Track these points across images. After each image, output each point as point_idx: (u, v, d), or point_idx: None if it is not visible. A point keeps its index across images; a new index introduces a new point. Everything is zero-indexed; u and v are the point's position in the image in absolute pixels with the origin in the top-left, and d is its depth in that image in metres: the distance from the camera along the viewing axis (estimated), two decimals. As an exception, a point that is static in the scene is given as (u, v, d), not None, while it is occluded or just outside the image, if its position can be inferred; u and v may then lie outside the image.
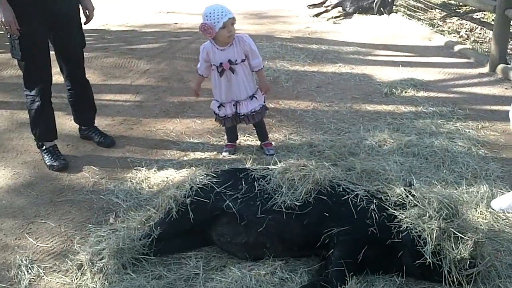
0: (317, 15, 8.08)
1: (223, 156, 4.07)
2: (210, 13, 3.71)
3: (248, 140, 4.28)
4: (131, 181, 3.73)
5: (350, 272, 2.64)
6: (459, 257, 2.56)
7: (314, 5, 8.52)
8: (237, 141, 4.21)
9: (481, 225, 3.12)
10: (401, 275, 2.73)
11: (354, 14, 8.02)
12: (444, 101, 4.91)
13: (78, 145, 4.28)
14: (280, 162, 3.23)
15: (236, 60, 3.83)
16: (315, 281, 2.68)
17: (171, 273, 2.83)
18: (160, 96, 5.20)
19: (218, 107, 3.99)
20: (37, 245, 3.12)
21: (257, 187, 2.98)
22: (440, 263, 2.61)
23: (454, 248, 2.57)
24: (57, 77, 4.16)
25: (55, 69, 3.92)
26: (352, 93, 5.18)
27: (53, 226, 3.29)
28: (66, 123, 4.54)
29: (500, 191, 3.46)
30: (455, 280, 2.59)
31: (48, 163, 3.90)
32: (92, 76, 4.34)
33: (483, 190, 3.40)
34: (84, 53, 4.09)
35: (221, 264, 2.90)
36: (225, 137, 4.24)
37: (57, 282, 2.83)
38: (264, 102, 4.04)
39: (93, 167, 3.93)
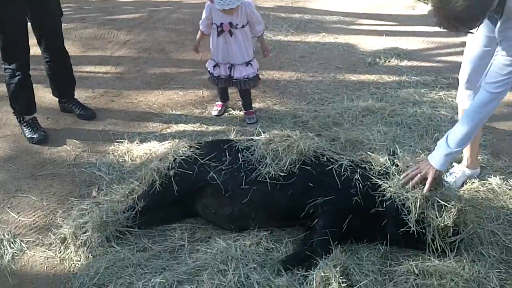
0: None
1: (213, 115, 4.15)
2: None
3: (231, 111, 4.24)
4: (113, 154, 3.69)
5: (334, 241, 2.64)
6: (442, 225, 2.58)
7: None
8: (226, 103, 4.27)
9: (464, 193, 3.15)
10: (385, 244, 2.75)
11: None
12: (428, 70, 4.91)
13: (59, 118, 4.20)
14: (264, 133, 3.21)
15: (237, 24, 3.85)
16: (300, 251, 2.70)
17: (156, 245, 2.83)
18: (141, 67, 5.12)
19: (214, 66, 4.01)
20: (19, 220, 3.08)
21: (241, 158, 2.96)
22: (423, 231, 2.63)
23: (437, 216, 2.59)
24: (35, 49, 4.05)
25: (32, 40, 3.82)
26: (336, 63, 5.14)
27: (35, 200, 3.25)
28: (45, 96, 4.44)
29: (482, 158, 3.48)
30: (438, 247, 2.62)
31: (28, 136, 3.83)
32: (70, 48, 4.24)
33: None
34: (62, 24, 3.98)
35: (206, 236, 2.90)
36: (208, 108, 4.23)
37: (41, 256, 2.81)
38: (258, 72, 4.08)
39: (74, 140, 3.87)
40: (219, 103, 4.25)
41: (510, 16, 2.39)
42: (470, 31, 2.40)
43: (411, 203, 2.63)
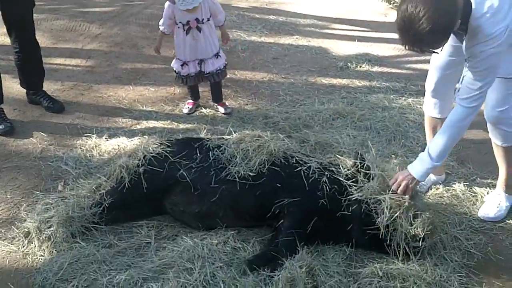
0: None
1: (184, 112, 4.14)
2: None
3: (202, 110, 4.23)
4: (81, 148, 3.64)
5: (300, 242, 2.67)
6: (412, 232, 2.62)
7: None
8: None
9: (429, 198, 3.21)
10: (351, 246, 2.79)
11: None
12: (398, 76, 4.99)
13: (26, 109, 4.12)
14: (235, 133, 3.21)
15: (203, 19, 3.86)
16: (266, 251, 2.71)
17: (122, 242, 2.81)
18: (113, 62, 5.06)
19: (181, 65, 3.99)
20: (-19, 212, 3.02)
21: (212, 156, 2.96)
22: (390, 235, 2.67)
23: (411, 224, 2.63)
24: (3, 38, 3.97)
25: (2, 29, 3.74)
26: (308, 65, 5.18)
27: (-1, 192, 3.19)
28: (13, 86, 4.35)
29: (447, 165, 3.56)
30: (402, 251, 2.66)
31: (-7, 127, 3.76)
32: (41, 39, 4.16)
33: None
34: (34, 15, 3.90)
35: (173, 233, 2.89)
36: (180, 105, 4.23)
37: (3, 250, 2.76)
38: (226, 62, 4.14)
39: (41, 133, 3.81)
40: (190, 101, 4.24)
41: (474, 34, 2.46)
42: (434, 51, 2.46)
43: (386, 206, 2.66)
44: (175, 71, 4.08)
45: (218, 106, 4.21)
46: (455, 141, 2.72)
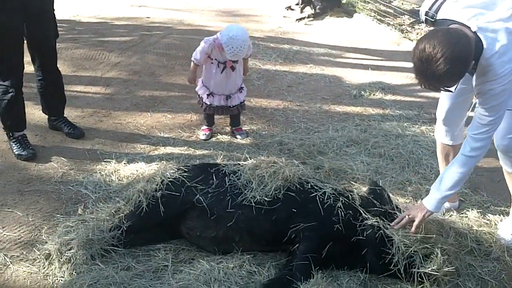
0: (299, 20, 8.00)
1: (201, 139, 4.25)
2: (229, 44, 3.83)
3: (219, 136, 4.32)
4: (100, 173, 3.72)
5: (315, 266, 2.71)
6: (428, 271, 2.65)
7: (290, 7, 8.52)
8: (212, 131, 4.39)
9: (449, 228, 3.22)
10: (365, 271, 2.82)
11: (325, 16, 8.12)
12: (411, 104, 5.05)
13: (47, 135, 4.24)
14: (250, 159, 3.28)
15: (237, 60, 4.04)
16: (281, 275, 2.74)
17: (140, 265, 2.86)
18: (131, 89, 5.19)
19: (208, 94, 4.15)
20: (4, 234, 3.09)
21: (228, 182, 3.03)
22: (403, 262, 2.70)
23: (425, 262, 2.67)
24: (26, 67, 4.10)
25: (26, 58, 3.87)
26: (322, 93, 5.27)
27: (21, 215, 3.26)
28: (35, 113, 4.48)
29: (460, 192, 3.59)
30: (416, 277, 2.68)
31: (16, 152, 3.86)
32: (61, 67, 4.30)
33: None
34: (56, 44, 4.06)
35: (190, 257, 2.94)
36: (196, 131, 4.35)
37: (24, 271, 2.82)
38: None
39: (62, 158, 3.91)
40: (206, 127, 4.34)
41: (484, 72, 2.53)
42: (450, 89, 2.53)
43: (397, 247, 2.70)
44: (199, 95, 4.24)
45: (235, 131, 4.32)
46: (468, 173, 2.75)
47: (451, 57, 2.30)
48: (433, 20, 2.68)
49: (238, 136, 4.28)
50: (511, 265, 2.98)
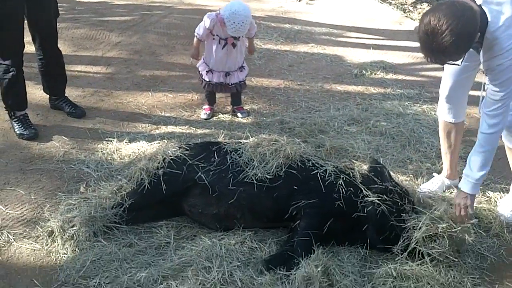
0: None
1: (202, 118, 4.25)
2: (231, 19, 3.83)
3: (220, 115, 4.32)
4: (102, 151, 3.74)
5: (316, 242, 2.73)
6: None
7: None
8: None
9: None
10: (365, 247, 2.84)
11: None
12: (412, 84, 5.04)
13: (48, 115, 4.24)
14: (252, 137, 3.29)
15: (239, 36, 4.02)
16: (282, 251, 2.77)
17: (142, 241, 2.88)
18: (132, 69, 5.17)
19: (207, 71, 4.15)
20: (7, 212, 3.11)
21: (229, 160, 3.04)
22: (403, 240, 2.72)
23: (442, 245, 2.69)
24: (27, 46, 4.09)
25: (26, 38, 3.86)
26: (323, 73, 5.25)
27: (23, 193, 3.28)
28: (36, 92, 4.48)
29: (461, 169, 3.59)
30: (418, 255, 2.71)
31: (18, 132, 3.87)
32: (62, 47, 4.28)
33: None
34: (56, 23, 4.04)
35: (192, 234, 2.96)
36: (197, 111, 4.34)
37: (27, 248, 2.84)
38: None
39: (63, 137, 3.91)
40: (207, 106, 4.34)
41: (490, 47, 2.52)
42: (455, 63, 2.51)
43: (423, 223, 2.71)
44: (199, 72, 4.24)
45: (236, 110, 4.32)
46: (490, 152, 2.74)
47: (457, 29, 2.29)
48: None
49: (239, 115, 4.28)
50: (510, 241, 3.00)
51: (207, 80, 4.16)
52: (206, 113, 4.29)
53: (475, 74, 3.09)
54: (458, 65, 2.60)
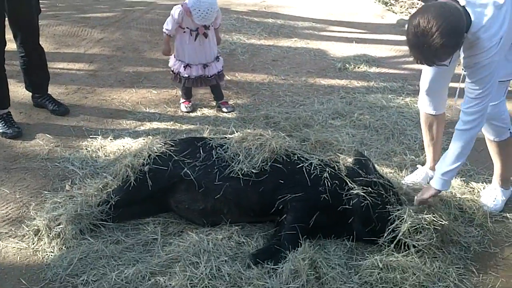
0: None
1: (184, 112, 4.27)
2: (196, 8, 3.86)
3: (204, 110, 4.32)
4: (86, 149, 3.72)
5: (302, 235, 2.75)
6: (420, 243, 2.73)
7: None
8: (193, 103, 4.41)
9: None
10: (352, 239, 2.87)
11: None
12: (395, 77, 5.09)
13: (32, 113, 4.21)
14: (237, 132, 3.30)
15: (209, 26, 4.04)
16: (269, 245, 2.79)
17: (129, 238, 2.88)
18: (115, 65, 5.15)
19: (184, 67, 4.13)
20: (-8, 212, 3.09)
21: (215, 155, 3.04)
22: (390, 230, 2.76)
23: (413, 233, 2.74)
24: (8, 44, 4.05)
25: (7, 35, 3.82)
26: (307, 67, 5.27)
27: (8, 192, 3.26)
28: (18, 90, 4.44)
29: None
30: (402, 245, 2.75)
31: (1, 131, 3.83)
32: (44, 44, 4.24)
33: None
34: (37, 20, 4.00)
35: (179, 230, 2.96)
36: (181, 107, 4.32)
37: (13, 247, 2.82)
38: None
39: (47, 135, 3.89)
40: (185, 100, 4.34)
41: (470, 46, 2.56)
42: (444, 63, 2.54)
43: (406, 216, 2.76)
44: (172, 71, 4.21)
45: (221, 105, 4.32)
46: (464, 148, 2.77)
47: (446, 30, 2.31)
48: None
49: (224, 109, 4.29)
50: (494, 231, 3.05)
51: (186, 75, 4.15)
52: (186, 106, 4.30)
53: (455, 66, 3.13)
54: (446, 65, 2.62)
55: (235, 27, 6.27)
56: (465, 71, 2.68)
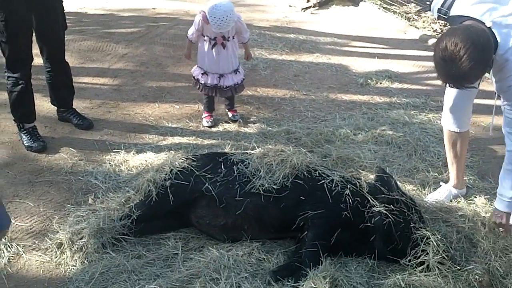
0: (305, 9, 7.96)
1: (204, 126, 4.32)
2: (212, 14, 3.91)
3: (225, 125, 4.34)
4: (109, 163, 3.76)
5: (323, 253, 2.73)
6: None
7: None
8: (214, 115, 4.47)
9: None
10: (373, 258, 2.84)
11: (331, 5, 8.09)
12: (418, 92, 5.05)
13: (56, 127, 4.28)
14: (258, 148, 3.30)
15: (228, 37, 4.09)
16: (290, 262, 2.78)
17: (150, 253, 2.90)
18: (139, 80, 5.21)
19: (202, 74, 4.22)
20: (16, 224, 3.14)
21: (236, 170, 3.05)
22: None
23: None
24: (35, 59, 4.13)
25: (34, 50, 3.90)
26: (329, 82, 5.27)
27: (32, 206, 3.31)
28: (43, 104, 4.52)
29: (468, 179, 3.60)
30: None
31: (26, 144, 3.90)
32: (69, 59, 4.32)
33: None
34: (63, 36, 4.08)
35: (200, 245, 2.97)
36: (203, 122, 4.36)
37: (37, 260, 2.86)
38: (244, 77, 4.40)
39: (71, 149, 3.94)
40: (207, 114, 4.39)
41: (499, 69, 2.53)
42: (473, 85, 2.51)
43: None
44: (194, 77, 4.30)
45: (229, 112, 4.43)
46: None
47: (474, 54, 2.29)
48: (446, 17, 2.68)
49: (230, 115, 4.41)
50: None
51: (202, 82, 4.23)
52: (208, 121, 4.35)
53: (479, 83, 3.10)
54: (475, 87, 2.60)
55: (257, 42, 6.30)
56: (499, 95, 2.65)
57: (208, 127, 4.31)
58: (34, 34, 3.85)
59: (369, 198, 2.89)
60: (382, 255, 2.86)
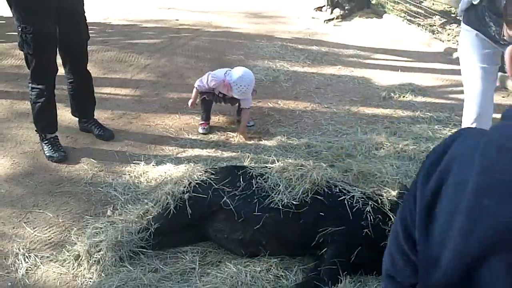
0: (327, 21, 7.94)
1: (200, 133, 4.39)
2: (238, 83, 4.13)
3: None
4: (129, 174, 3.76)
5: (343, 271, 2.68)
6: None
7: (319, 8, 8.46)
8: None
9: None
10: (394, 277, 2.77)
11: (354, 17, 8.05)
12: (442, 107, 4.97)
13: (78, 137, 4.30)
14: (278, 161, 3.27)
15: (236, 103, 4.40)
16: (309, 279, 2.73)
17: (167, 267, 2.87)
18: (160, 91, 5.23)
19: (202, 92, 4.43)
20: (35, 235, 3.15)
21: (255, 184, 3.02)
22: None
23: None
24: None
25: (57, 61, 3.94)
26: (351, 95, 5.22)
27: (51, 216, 3.32)
28: (65, 115, 4.55)
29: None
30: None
31: (47, 154, 3.92)
32: (92, 69, 4.36)
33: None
34: (86, 46, 4.11)
35: (217, 260, 2.94)
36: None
37: (54, 272, 2.86)
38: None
39: (92, 160, 3.96)
40: (204, 122, 4.45)
41: None
42: None
43: None
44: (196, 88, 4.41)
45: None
46: None
47: None
48: None
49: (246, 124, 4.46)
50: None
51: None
52: (203, 128, 4.42)
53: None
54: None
55: (279, 54, 6.29)
56: None
57: (203, 133, 4.36)
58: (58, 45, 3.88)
59: (391, 216, 2.82)
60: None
